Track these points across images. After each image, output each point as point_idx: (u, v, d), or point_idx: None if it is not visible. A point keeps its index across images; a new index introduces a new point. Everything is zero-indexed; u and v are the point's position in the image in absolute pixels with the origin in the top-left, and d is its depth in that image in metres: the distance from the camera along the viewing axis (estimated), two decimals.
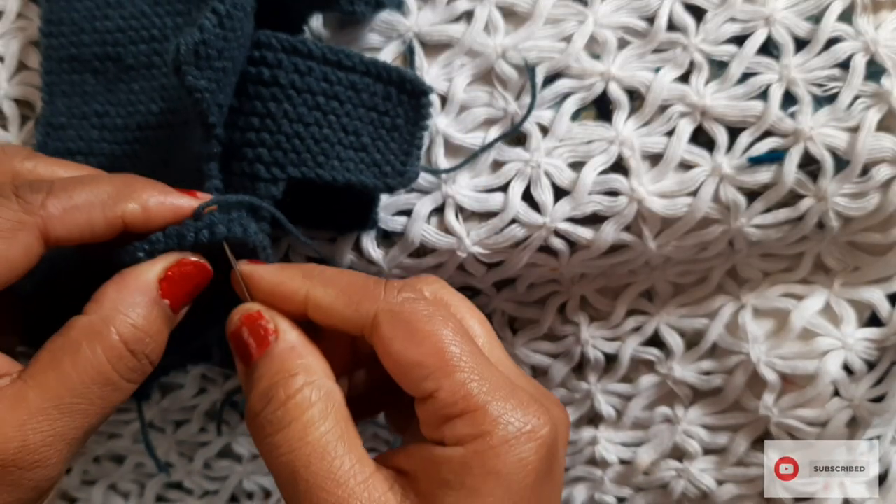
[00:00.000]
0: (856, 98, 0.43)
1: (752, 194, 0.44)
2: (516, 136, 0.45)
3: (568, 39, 0.44)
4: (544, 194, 0.44)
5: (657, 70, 0.44)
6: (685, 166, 0.44)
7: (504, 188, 0.44)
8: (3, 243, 0.32)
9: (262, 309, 0.34)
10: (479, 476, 0.31)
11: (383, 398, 0.39)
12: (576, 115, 0.45)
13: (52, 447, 0.31)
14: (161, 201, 0.35)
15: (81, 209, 0.33)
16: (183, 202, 0.35)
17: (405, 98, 0.43)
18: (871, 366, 0.49)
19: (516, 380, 0.34)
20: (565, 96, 0.45)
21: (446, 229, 0.45)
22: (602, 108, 0.45)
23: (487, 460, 0.31)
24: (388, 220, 0.45)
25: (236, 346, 0.34)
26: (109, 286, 0.33)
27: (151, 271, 0.34)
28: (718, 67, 0.44)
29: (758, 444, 0.53)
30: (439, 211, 0.45)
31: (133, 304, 0.33)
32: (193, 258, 0.35)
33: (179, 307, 0.34)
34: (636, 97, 0.44)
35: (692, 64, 0.44)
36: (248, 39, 0.39)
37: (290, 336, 0.34)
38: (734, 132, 0.44)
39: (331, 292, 0.34)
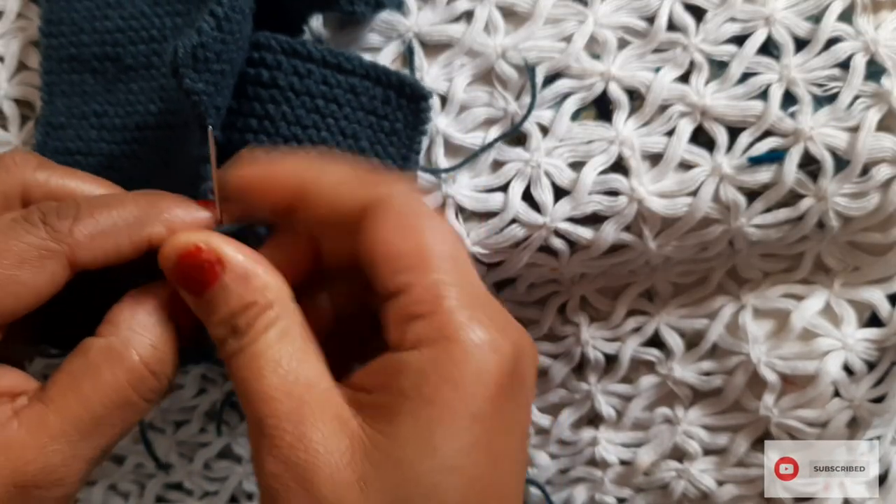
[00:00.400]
0: (856, 98, 0.43)
1: (752, 194, 0.44)
2: (516, 136, 0.45)
3: (568, 39, 0.44)
4: (544, 194, 0.44)
5: (657, 70, 0.44)
6: (685, 166, 0.44)
7: (504, 188, 0.44)
8: (30, 272, 0.32)
9: (197, 241, 0.33)
10: (436, 385, 0.30)
11: (351, 331, 0.38)
12: (576, 115, 0.45)
13: (71, 467, 0.31)
14: (183, 220, 0.35)
15: (108, 235, 0.33)
16: (202, 217, 0.35)
17: (404, 102, 0.43)
18: (871, 366, 0.49)
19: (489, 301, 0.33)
20: (565, 96, 0.45)
21: None
22: (602, 108, 0.45)
23: (444, 368, 0.30)
24: None
25: (179, 281, 0.33)
26: (123, 307, 0.33)
27: (163, 290, 0.34)
28: (718, 67, 0.44)
29: (758, 444, 0.52)
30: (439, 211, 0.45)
31: (149, 325, 0.33)
32: None
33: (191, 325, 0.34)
34: (636, 97, 0.44)
35: (692, 64, 0.44)
36: (247, 41, 0.39)
37: (237, 260, 0.33)
38: (734, 132, 0.44)
39: (341, 171, 0.34)
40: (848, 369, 0.49)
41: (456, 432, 0.30)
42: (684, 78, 0.44)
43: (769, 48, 0.44)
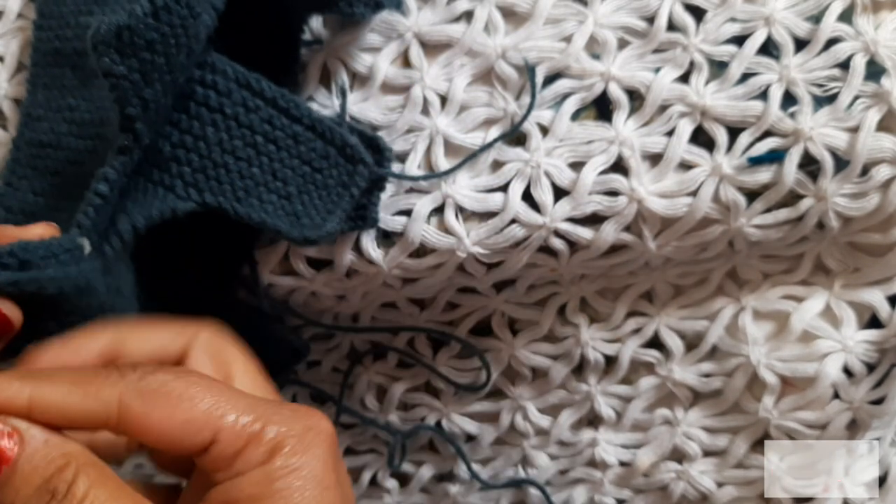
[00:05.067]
0: (856, 98, 0.43)
1: (752, 194, 0.44)
2: (516, 136, 0.45)
3: (568, 39, 0.44)
4: (544, 194, 0.44)
5: (657, 70, 0.44)
6: (685, 166, 0.44)
7: (504, 188, 0.44)
8: None
9: None
10: (283, 477, 0.31)
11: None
12: (576, 115, 0.45)
13: None
14: None
15: None
16: None
17: (342, 161, 0.42)
18: (870, 368, 0.49)
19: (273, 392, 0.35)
20: (565, 96, 0.45)
21: (446, 229, 0.45)
22: (602, 108, 0.45)
23: (288, 461, 0.31)
24: (388, 219, 0.45)
25: None
26: None
27: None
28: (718, 67, 0.44)
29: (758, 446, 0.52)
30: (439, 211, 0.45)
31: None
32: None
33: None
34: (636, 97, 0.44)
35: (692, 64, 0.44)
36: (198, 44, 0.37)
37: (34, 432, 0.31)
38: (734, 132, 0.44)
39: (61, 388, 0.31)
40: (848, 371, 0.49)
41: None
42: (684, 78, 0.44)
43: (769, 48, 0.44)
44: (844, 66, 0.43)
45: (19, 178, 0.45)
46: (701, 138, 0.44)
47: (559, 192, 0.44)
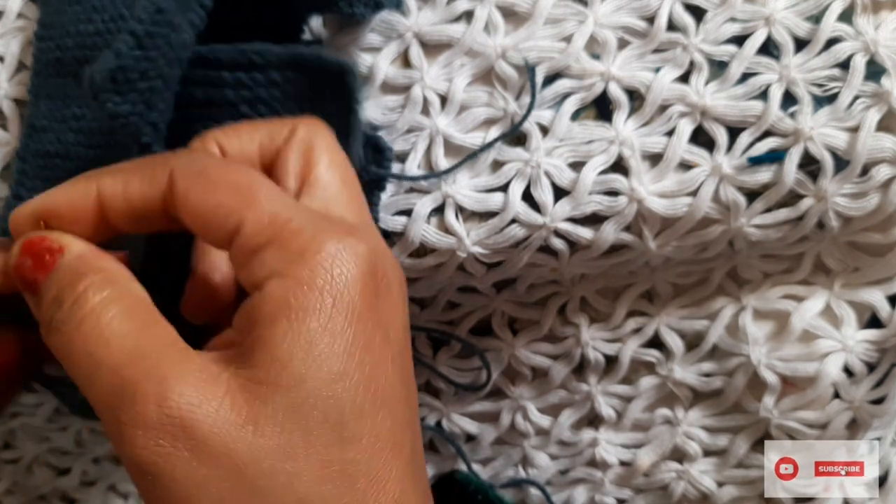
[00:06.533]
0: (856, 98, 0.43)
1: (752, 194, 0.44)
2: (516, 136, 0.45)
3: (568, 39, 0.44)
4: (544, 194, 0.44)
5: (657, 70, 0.44)
6: (685, 166, 0.44)
7: (504, 188, 0.44)
8: None
9: (43, 232, 0.32)
10: (302, 298, 0.29)
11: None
12: (576, 115, 0.45)
13: None
14: None
15: None
16: None
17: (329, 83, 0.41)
18: (871, 368, 0.49)
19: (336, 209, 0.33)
20: (565, 96, 0.45)
21: (446, 229, 0.45)
22: (602, 108, 0.45)
23: (306, 281, 0.29)
24: (388, 219, 0.45)
25: (22, 279, 0.32)
26: None
27: None
28: (718, 67, 0.44)
29: (758, 445, 0.52)
30: (439, 211, 0.45)
31: None
32: None
33: None
34: (636, 97, 0.44)
35: (692, 64, 0.44)
36: (186, 50, 0.37)
37: (76, 247, 0.32)
38: (734, 132, 0.44)
39: (121, 177, 0.32)
40: (848, 371, 0.49)
41: (334, 338, 0.29)
42: (684, 78, 0.44)
43: (769, 48, 0.44)
44: (844, 66, 0.43)
45: (29, 191, 0.45)
46: (701, 138, 0.44)
47: (559, 192, 0.44)
